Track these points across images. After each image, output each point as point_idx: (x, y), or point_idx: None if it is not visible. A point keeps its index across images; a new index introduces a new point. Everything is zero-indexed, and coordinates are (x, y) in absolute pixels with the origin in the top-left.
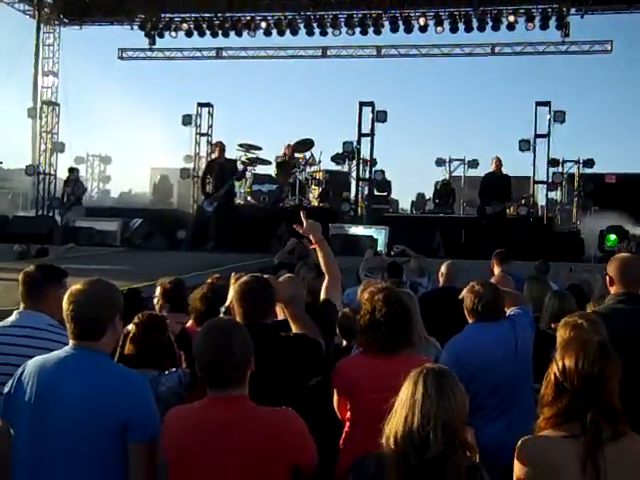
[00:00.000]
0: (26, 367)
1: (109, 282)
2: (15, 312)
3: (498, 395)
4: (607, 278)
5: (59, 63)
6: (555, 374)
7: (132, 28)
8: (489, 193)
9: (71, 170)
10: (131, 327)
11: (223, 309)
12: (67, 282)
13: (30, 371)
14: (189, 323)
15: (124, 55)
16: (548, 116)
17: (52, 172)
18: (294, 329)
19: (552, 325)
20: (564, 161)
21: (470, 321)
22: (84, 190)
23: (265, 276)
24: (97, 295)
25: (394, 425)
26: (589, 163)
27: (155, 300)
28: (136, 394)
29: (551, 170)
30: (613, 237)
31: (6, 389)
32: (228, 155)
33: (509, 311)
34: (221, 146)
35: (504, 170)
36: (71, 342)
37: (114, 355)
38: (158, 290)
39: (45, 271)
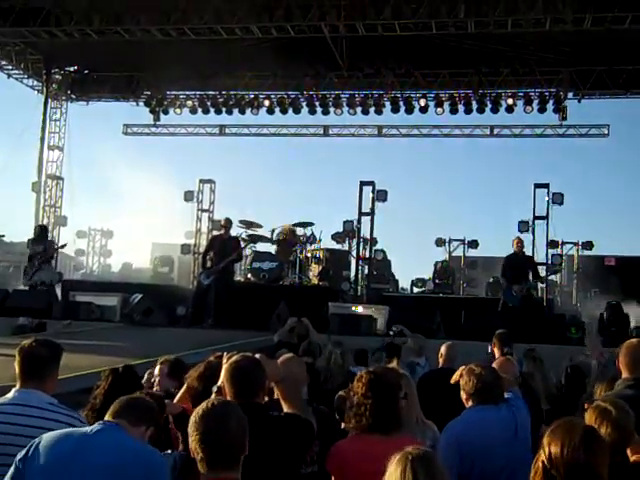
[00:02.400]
0: (40, 440)
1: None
2: (13, 390)
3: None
4: (617, 363)
5: (65, 138)
6: (543, 461)
7: (137, 104)
8: (514, 274)
9: (41, 227)
10: None
11: (215, 388)
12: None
13: (44, 444)
14: (184, 404)
15: (129, 130)
16: (547, 198)
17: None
18: (285, 409)
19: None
20: (563, 243)
21: (469, 404)
22: (55, 249)
23: (256, 355)
24: None
25: None
26: (588, 245)
27: (155, 379)
28: (158, 469)
29: (550, 252)
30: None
31: (20, 464)
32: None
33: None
34: (228, 223)
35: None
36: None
37: None
38: (158, 369)
39: (50, 348)
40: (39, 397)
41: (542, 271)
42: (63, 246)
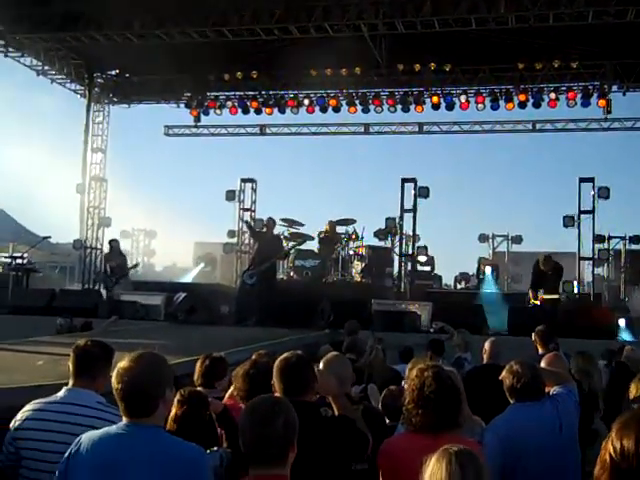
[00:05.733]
0: (80, 443)
1: (156, 355)
2: (64, 388)
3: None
4: None
5: (107, 140)
6: (611, 455)
7: (178, 106)
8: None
9: (113, 242)
10: (174, 404)
11: None
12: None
13: (85, 447)
14: (229, 401)
15: (170, 132)
16: (592, 192)
17: (99, 246)
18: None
19: None
20: (610, 237)
21: (511, 401)
22: (129, 269)
23: None
24: (145, 371)
25: None
26: (635, 239)
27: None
28: (196, 463)
29: (597, 246)
30: None
31: (62, 467)
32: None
33: (552, 390)
34: (271, 223)
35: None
36: (124, 419)
37: None
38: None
39: (102, 348)
40: (89, 396)
41: (589, 265)
42: (135, 266)
